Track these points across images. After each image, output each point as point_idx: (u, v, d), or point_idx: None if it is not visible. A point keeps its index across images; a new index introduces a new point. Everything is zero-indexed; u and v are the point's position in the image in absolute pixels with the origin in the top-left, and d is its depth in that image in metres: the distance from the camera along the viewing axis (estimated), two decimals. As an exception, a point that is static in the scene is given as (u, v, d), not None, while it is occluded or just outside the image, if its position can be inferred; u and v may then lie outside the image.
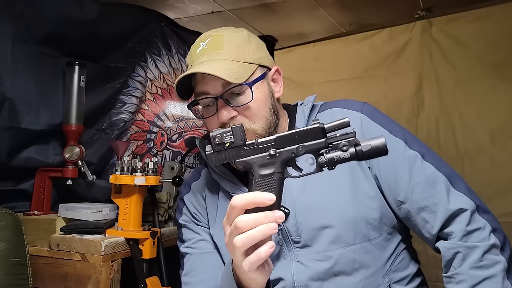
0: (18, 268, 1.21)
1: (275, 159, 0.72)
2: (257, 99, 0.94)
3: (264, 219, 0.67)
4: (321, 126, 0.72)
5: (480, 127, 1.97)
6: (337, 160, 0.70)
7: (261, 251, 0.67)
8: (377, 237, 0.92)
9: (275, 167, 0.72)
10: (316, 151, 0.72)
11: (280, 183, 0.72)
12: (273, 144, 0.73)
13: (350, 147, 0.70)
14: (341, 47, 2.36)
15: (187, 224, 1.06)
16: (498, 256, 0.85)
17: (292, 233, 0.92)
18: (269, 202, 0.68)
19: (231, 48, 0.94)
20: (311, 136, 0.72)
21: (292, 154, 0.73)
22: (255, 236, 0.66)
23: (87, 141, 1.64)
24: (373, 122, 0.96)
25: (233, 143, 0.74)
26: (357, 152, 0.69)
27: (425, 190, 0.90)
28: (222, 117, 0.92)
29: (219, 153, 0.75)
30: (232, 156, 0.74)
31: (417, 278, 0.97)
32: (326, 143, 0.71)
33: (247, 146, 0.74)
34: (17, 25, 1.42)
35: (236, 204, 0.69)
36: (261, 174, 0.72)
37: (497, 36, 1.95)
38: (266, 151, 0.73)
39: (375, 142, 0.69)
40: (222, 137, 0.74)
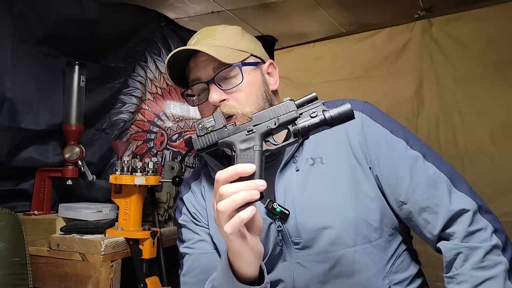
0: (18, 268, 1.21)
1: (253, 134, 0.78)
2: (248, 83, 0.97)
3: (246, 186, 0.70)
4: (292, 100, 0.78)
5: (480, 127, 1.97)
6: (308, 126, 0.75)
7: (242, 213, 0.69)
8: (378, 238, 0.91)
9: (253, 141, 0.78)
10: (289, 122, 0.77)
11: (260, 155, 0.77)
12: (250, 121, 0.80)
13: (319, 113, 0.75)
14: (341, 47, 2.36)
15: (186, 224, 1.05)
16: (500, 256, 0.84)
17: (292, 234, 0.92)
18: (250, 171, 0.71)
19: (223, 37, 0.99)
20: (283, 110, 0.78)
21: (268, 127, 0.78)
22: (237, 200, 0.69)
23: (87, 141, 1.64)
24: (374, 122, 0.95)
25: (214, 126, 0.81)
26: (326, 117, 0.75)
27: (427, 191, 0.89)
28: (213, 99, 0.94)
29: (203, 137, 0.82)
30: (214, 138, 0.81)
31: (417, 279, 0.96)
32: (298, 114, 0.77)
33: (227, 127, 0.80)
34: (17, 25, 1.41)
35: (220, 177, 0.72)
36: (241, 149, 0.78)
37: (496, 36, 1.95)
38: (245, 129, 0.79)
39: (341, 107, 0.75)
40: (204, 122, 0.81)
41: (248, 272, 0.77)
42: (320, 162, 0.94)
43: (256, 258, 0.76)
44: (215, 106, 0.95)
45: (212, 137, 0.81)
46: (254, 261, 0.76)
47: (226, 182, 0.72)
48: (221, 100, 0.94)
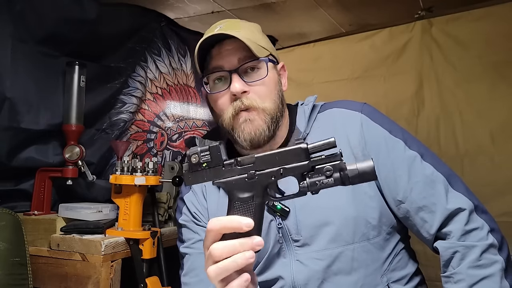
0: (18, 268, 1.21)
1: (254, 182, 0.68)
2: (269, 78, 0.96)
3: (240, 247, 0.63)
4: (304, 147, 0.66)
5: (480, 127, 1.96)
6: (320, 185, 0.65)
7: (234, 285, 0.64)
8: (376, 236, 0.92)
9: (254, 190, 0.68)
10: (298, 174, 0.67)
11: (260, 208, 0.67)
12: (252, 165, 0.68)
13: (335, 172, 0.65)
14: (341, 47, 2.36)
15: (187, 224, 1.05)
16: (496, 255, 0.85)
17: (292, 232, 0.92)
18: (246, 228, 0.64)
19: (247, 31, 0.96)
20: (293, 157, 0.67)
21: (273, 177, 0.67)
22: (229, 267, 0.63)
23: (87, 141, 1.64)
24: (373, 123, 0.96)
25: (210, 163, 0.70)
26: (342, 177, 0.64)
27: (424, 190, 0.90)
28: (235, 89, 0.91)
29: (196, 173, 0.70)
30: (209, 176, 0.70)
31: (415, 278, 0.97)
32: (309, 166, 0.66)
33: (225, 166, 0.69)
34: (17, 25, 1.42)
35: (211, 228, 0.65)
36: (240, 197, 0.68)
37: (496, 36, 1.95)
38: (245, 172, 0.68)
39: (362, 166, 0.64)
40: (199, 156, 0.70)
41: None
42: None
43: None
44: (235, 97, 0.93)
45: (206, 175, 0.70)
46: None
47: (219, 234, 0.65)
48: (243, 91, 0.93)
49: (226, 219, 0.65)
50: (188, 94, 2.22)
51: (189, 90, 2.23)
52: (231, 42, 0.95)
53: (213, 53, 0.97)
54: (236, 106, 0.93)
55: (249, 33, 0.96)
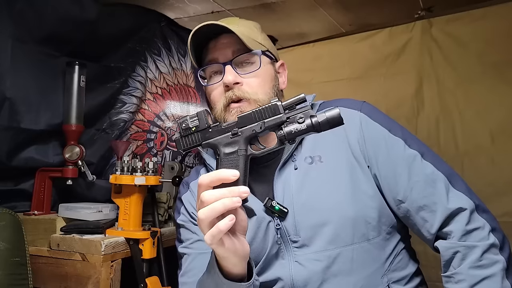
0: (18, 268, 1.21)
1: (238, 137, 0.76)
2: (263, 72, 0.98)
3: (228, 193, 0.68)
4: (279, 104, 0.76)
5: (480, 127, 1.96)
6: (295, 132, 0.73)
7: (220, 223, 0.68)
8: (376, 236, 0.91)
9: (238, 144, 0.76)
10: (275, 126, 0.75)
11: (244, 160, 0.75)
12: (235, 123, 0.77)
13: (306, 119, 0.73)
14: (341, 47, 2.35)
15: (185, 224, 1.05)
16: (497, 255, 0.84)
17: (291, 233, 0.92)
18: (233, 178, 0.70)
19: (245, 27, 0.99)
20: (270, 113, 0.76)
21: (253, 131, 0.76)
22: (217, 208, 0.68)
23: (87, 141, 1.64)
24: (373, 121, 0.96)
25: (198, 127, 0.78)
26: (313, 123, 0.72)
27: (424, 189, 0.89)
28: (228, 79, 0.94)
29: (186, 137, 0.79)
30: (198, 139, 0.78)
31: (416, 278, 0.97)
32: (284, 118, 0.75)
33: (211, 128, 0.78)
34: (17, 25, 1.42)
35: (202, 182, 0.71)
36: (226, 153, 0.76)
37: (496, 36, 1.95)
38: (229, 131, 0.77)
39: (330, 113, 0.72)
40: (188, 122, 0.78)
41: (235, 271, 0.78)
42: (319, 160, 0.94)
43: (241, 260, 0.76)
44: (228, 88, 0.95)
45: (195, 138, 0.79)
46: (238, 262, 0.76)
47: (208, 187, 0.71)
48: (235, 82, 0.94)
49: (214, 172, 0.71)
50: (188, 94, 2.22)
51: (189, 90, 2.23)
52: (227, 36, 0.97)
53: (210, 47, 0.99)
54: (227, 96, 0.95)
55: (246, 29, 0.98)
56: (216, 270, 0.78)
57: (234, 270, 0.77)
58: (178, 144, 0.80)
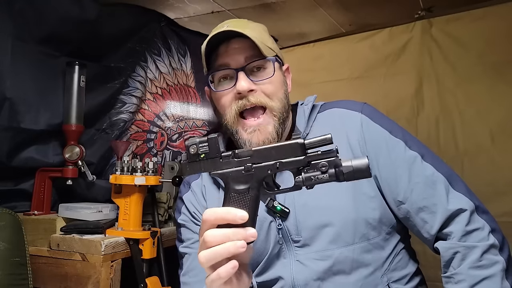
0: (18, 268, 1.21)
1: (251, 175, 0.69)
2: (276, 78, 0.96)
3: (233, 236, 0.64)
4: (301, 142, 0.68)
5: (480, 127, 1.96)
6: (314, 180, 0.67)
7: (221, 270, 0.64)
8: (376, 236, 0.92)
9: (250, 183, 0.69)
10: (294, 168, 0.68)
11: (255, 200, 0.69)
12: (250, 158, 0.70)
13: (330, 168, 0.66)
14: (341, 47, 2.36)
15: (186, 224, 1.05)
16: (497, 256, 0.84)
17: (292, 233, 0.92)
18: (241, 221, 0.65)
19: (255, 31, 0.95)
20: (290, 152, 0.68)
21: (269, 171, 0.69)
22: (219, 253, 0.64)
23: (87, 141, 1.65)
24: (373, 123, 0.96)
25: (208, 154, 0.71)
26: (337, 173, 0.65)
27: (425, 191, 0.90)
28: (242, 87, 0.90)
29: (193, 163, 0.72)
30: (206, 167, 0.71)
31: (416, 278, 0.97)
32: (305, 161, 0.67)
33: (222, 158, 0.71)
34: (17, 25, 1.42)
35: (207, 219, 0.66)
36: (236, 189, 0.69)
37: (496, 36, 1.95)
38: (242, 165, 0.70)
39: (357, 163, 0.65)
40: (197, 147, 0.71)
41: None
42: None
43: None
44: (240, 96, 0.92)
45: (203, 166, 0.71)
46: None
47: (213, 225, 0.66)
48: (250, 90, 0.92)
49: (221, 210, 0.66)
50: (188, 94, 2.22)
51: (189, 90, 2.23)
52: (238, 41, 0.94)
53: (220, 51, 0.96)
54: (240, 105, 0.92)
55: (256, 32, 0.95)
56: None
57: None
58: (185, 169, 0.72)
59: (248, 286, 0.73)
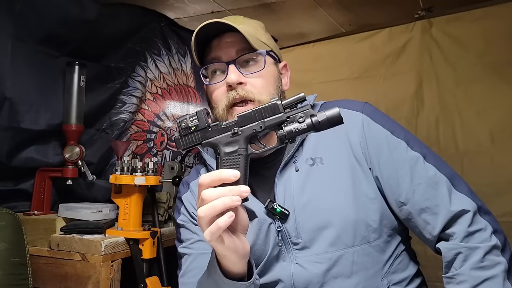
0: (18, 268, 1.21)
1: (238, 137, 0.76)
2: (267, 72, 0.96)
3: (229, 192, 0.69)
4: (279, 102, 0.76)
5: (480, 127, 1.96)
6: (295, 131, 0.74)
7: (220, 220, 0.68)
8: (376, 239, 0.91)
9: (238, 144, 0.76)
10: (276, 126, 0.76)
11: (245, 159, 0.75)
12: (235, 123, 0.77)
13: (307, 118, 0.73)
14: (341, 47, 2.35)
15: (185, 224, 1.05)
16: (499, 257, 0.84)
17: (292, 235, 0.92)
18: (234, 178, 0.70)
19: (250, 27, 0.97)
20: (270, 112, 0.76)
21: (253, 130, 0.76)
22: (217, 207, 0.68)
23: (87, 141, 1.65)
24: (375, 123, 0.95)
25: (198, 126, 0.78)
26: (313, 122, 0.73)
27: (427, 192, 0.89)
28: (231, 79, 0.92)
29: (186, 136, 0.79)
30: (198, 138, 0.78)
31: (416, 279, 0.97)
32: (285, 117, 0.75)
33: (211, 127, 0.78)
34: (17, 25, 1.42)
35: (203, 182, 0.71)
36: (226, 152, 0.76)
37: (496, 36, 1.95)
38: (230, 130, 0.77)
39: (329, 112, 0.73)
40: (187, 121, 0.78)
41: (235, 270, 0.78)
42: (320, 162, 0.94)
43: (240, 258, 0.76)
44: (231, 88, 0.93)
45: (195, 137, 0.79)
46: (238, 261, 0.76)
47: (209, 187, 0.71)
48: (239, 82, 0.93)
49: (215, 172, 0.71)
50: (188, 94, 2.22)
51: (189, 90, 2.23)
52: (231, 35, 0.95)
53: (213, 45, 0.98)
54: (230, 96, 0.93)
55: (251, 28, 0.96)
56: (216, 269, 0.78)
57: (234, 269, 0.77)
58: (178, 143, 0.80)
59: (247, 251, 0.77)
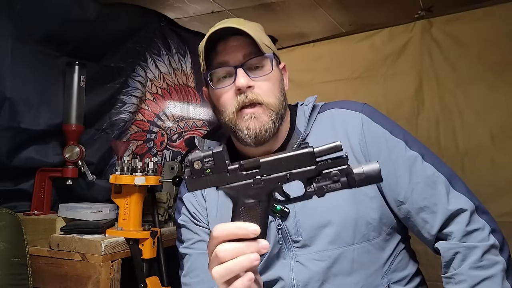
0: (18, 268, 1.21)
1: (260, 188, 0.66)
2: (274, 75, 0.97)
3: (247, 249, 0.63)
4: (311, 151, 0.65)
5: (480, 127, 1.96)
6: (327, 190, 0.65)
7: (237, 284, 0.63)
8: (376, 237, 0.91)
9: (260, 195, 0.67)
10: (305, 179, 0.66)
11: (265, 212, 0.67)
12: (258, 170, 0.67)
13: (342, 177, 0.64)
14: (341, 47, 2.36)
15: (186, 224, 1.05)
16: (498, 256, 0.84)
17: (292, 233, 0.92)
18: (253, 235, 0.64)
19: (252, 29, 0.96)
20: (299, 162, 0.66)
21: (279, 182, 0.67)
22: (233, 268, 0.63)
23: (87, 141, 1.65)
24: (374, 123, 0.96)
25: (214, 169, 0.67)
26: (349, 181, 0.64)
27: (425, 191, 0.90)
28: (241, 83, 0.91)
29: (199, 178, 0.68)
30: (213, 182, 0.68)
31: (416, 278, 0.97)
32: (316, 171, 0.65)
33: (229, 172, 0.67)
34: (17, 25, 1.42)
35: (218, 235, 0.65)
36: (245, 203, 0.67)
37: (496, 36, 1.95)
38: (251, 178, 0.67)
39: (368, 169, 0.64)
40: (202, 162, 0.67)
41: None
42: None
43: None
44: (240, 91, 0.92)
45: (210, 181, 0.67)
46: None
47: (224, 241, 0.64)
48: (248, 86, 0.92)
49: (232, 225, 0.65)
50: (188, 94, 2.22)
51: (189, 90, 2.23)
52: (236, 39, 0.95)
53: (219, 50, 0.97)
54: (240, 100, 0.92)
55: (253, 31, 0.96)
56: None
57: None
58: (190, 185, 0.69)
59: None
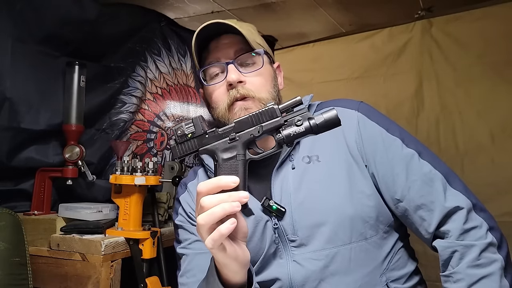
0: (18, 268, 1.21)
1: (236, 143, 0.75)
2: (265, 71, 0.99)
3: (228, 198, 0.68)
4: (276, 107, 0.75)
5: (480, 127, 1.97)
6: (293, 135, 0.73)
7: (222, 227, 0.67)
8: (373, 235, 0.91)
9: (236, 150, 0.75)
10: (273, 130, 0.75)
11: (243, 165, 0.74)
12: (232, 128, 0.76)
13: (304, 121, 0.73)
14: (341, 47, 2.36)
15: (183, 225, 1.05)
16: (495, 254, 0.84)
17: (288, 232, 0.92)
18: (233, 184, 0.69)
19: (244, 29, 0.99)
20: (267, 116, 0.75)
21: (251, 135, 0.75)
22: (216, 213, 0.67)
23: (87, 141, 1.65)
24: (370, 121, 0.96)
25: (194, 133, 0.77)
26: (311, 125, 0.72)
27: (422, 188, 0.89)
28: (231, 78, 0.94)
29: (182, 144, 0.78)
30: (195, 145, 0.77)
31: (415, 277, 0.97)
32: (282, 121, 0.74)
33: (208, 134, 0.77)
34: (17, 25, 1.42)
35: (201, 190, 0.70)
36: (224, 158, 0.75)
37: (496, 36, 1.95)
38: (227, 136, 0.76)
39: (327, 114, 0.72)
40: (183, 128, 0.77)
41: (235, 280, 0.76)
42: (317, 160, 0.94)
43: (241, 267, 0.75)
44: (231, 87, 0.95)
45: (192, 144, 0.77)
46: (239, 270, 0.75)
47: (207, 194, 0.69)
48: (239, 81, 0.95)
49: (213, 180, 0.70)
50: (188, 94, 2.23)
51: (189, 90, 2.23)
52: (228, 37, 0.98)
53: (211, 47, 1.00)
54: (231, 95, 0.95)
55: (245, 30, 0.98)
56: (215, 279, 0.77)
57: (234, 279, 0.76)
58: (174, 151, 0.78)
59: (248, 259, 0.75)
